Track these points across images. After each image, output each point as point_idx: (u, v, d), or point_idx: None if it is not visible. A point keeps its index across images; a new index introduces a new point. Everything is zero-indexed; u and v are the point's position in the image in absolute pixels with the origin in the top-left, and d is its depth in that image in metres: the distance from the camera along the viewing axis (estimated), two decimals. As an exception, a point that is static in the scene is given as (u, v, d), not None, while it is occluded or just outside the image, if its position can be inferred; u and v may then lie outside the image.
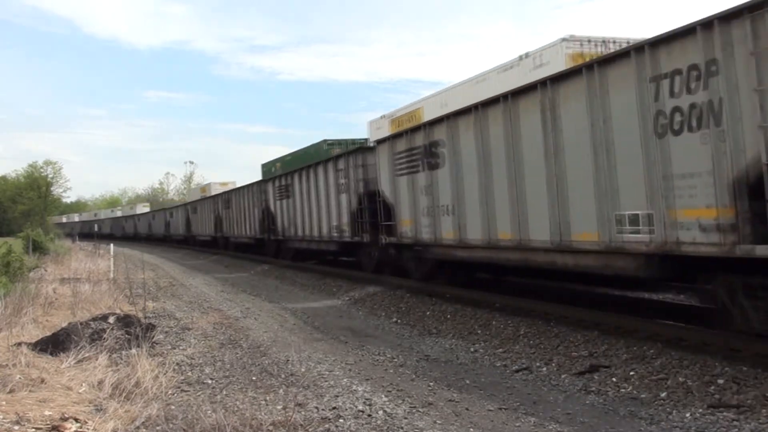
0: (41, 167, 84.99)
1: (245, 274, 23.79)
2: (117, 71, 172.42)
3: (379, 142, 15.88)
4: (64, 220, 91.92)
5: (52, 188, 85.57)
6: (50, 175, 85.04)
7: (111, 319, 10.04)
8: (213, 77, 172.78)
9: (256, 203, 28.29)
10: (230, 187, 41.21)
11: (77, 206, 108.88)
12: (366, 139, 24.01)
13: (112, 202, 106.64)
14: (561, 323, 9.69)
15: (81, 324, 9.38)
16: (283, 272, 22.40)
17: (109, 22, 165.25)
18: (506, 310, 11.09)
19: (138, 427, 5.71)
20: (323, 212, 20.26)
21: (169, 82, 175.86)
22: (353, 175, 17.77)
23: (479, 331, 10.36)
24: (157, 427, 5.69)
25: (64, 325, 9.82)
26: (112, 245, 31.25)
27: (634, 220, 8.20)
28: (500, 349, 9.27)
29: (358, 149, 18.11)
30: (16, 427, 5.49)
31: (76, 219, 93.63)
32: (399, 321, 12.20)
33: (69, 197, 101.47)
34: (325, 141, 25.27)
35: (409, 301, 13.51)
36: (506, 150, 10.65)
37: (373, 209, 16.25)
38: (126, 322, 10.02)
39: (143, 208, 70.14)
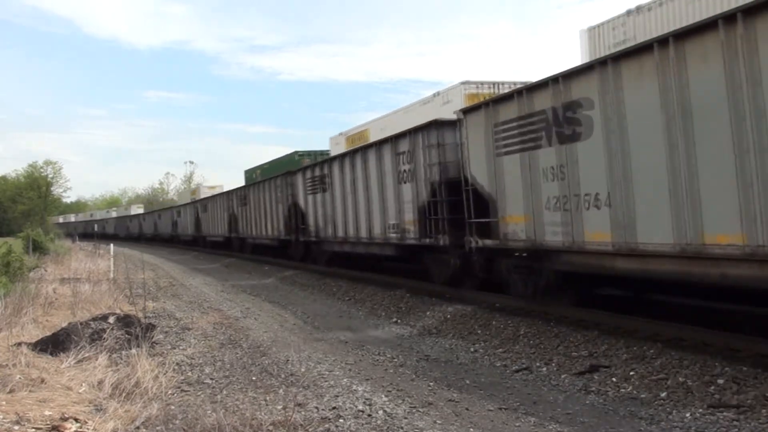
0: (41, 167, 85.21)
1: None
2: (117, 71, 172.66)
3: (468, 111, 12.00)
4: (61, 220, 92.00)
5: (52, 188, 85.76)
6: (50, 175, 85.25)
7: (111, 319, 10.04)
8: (213, 77, 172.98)
9: (281, 198, 24.48)
10: (218, 191, 41.63)
11: (77, 206, 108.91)
12: (327, 151, 26.47)
13: (112, 202, 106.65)
14: (561, 323, 9.69)
15: (81, 324, 9.38)
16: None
17: (109, 22, 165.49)
18: (506, 310, 11.09)
19: (138, 427, 5.71)
20: (375, 208, 15.94)
21: (169, 82, 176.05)
22: (424, 158, 13.44)
23: (479, 331, 10.36)
24: (157, 427, 5.69)
25: (64, 325, 9.82)
26: (112, 245, 31.25)
27: None
28: (500, 349, 9.27)
29: (431, 123, 13.30)
30: (16, 427, 5.49)
31: (72, 219, 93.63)
32: (399, 321, 12.19)
33: (69, 197, 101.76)
34: (296, 152, 29.09)
35: (409, 301, 13.50)
36: (728, 100, 6.76)
37: (455, 202, 12.57)
38: (126, 322, 10.02)
39: (137, 209, 70.28)
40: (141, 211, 68.64)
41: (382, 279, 16.43)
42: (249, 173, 36.88)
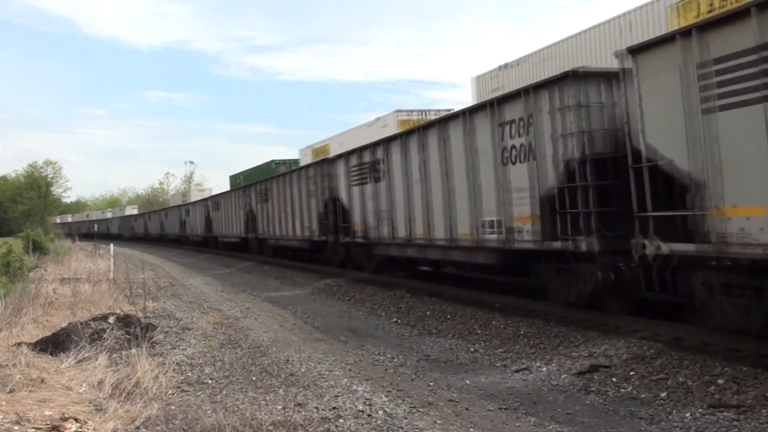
0: (41, 167, 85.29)
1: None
2: (117, 71, 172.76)
3: (644, 48, 7.93)
4: (58, 220, 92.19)
5: (52, 188, 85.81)
6: (50, 175, 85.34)
7: (111, 319, 10.04)
8: (213, 77, 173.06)
9: (313, 192, 20.78)
10: (207, 194, 42.74)
11: (77, 206, 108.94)
12: (297, 160, 31.52)
13: (112, 202, 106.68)
14: (561, 323, 9.69)
15: (81, 324, 9.38)
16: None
17: (109, 22, 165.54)
18: (506, 310, 11.08)
19: (138, 427, 5.71)
20: (460, 199, 12.04)
21: (169, 82, 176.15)
22: (553, 126, 9.56)
23: (479, 331, 10.36)
24: (157, 427, 5.69)
25: (64, 325, 9.82)
26: (112, 246, 31.25)
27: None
28: (500, 349, 9.26)
29: (566, 75, 9.34)
30: (16, 427, 5.49)
31: (69, 219, 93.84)
32: (399, 321, 12.19)
33: (69, 197, 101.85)
34: (273, 161, 32.43)
35: (409, 301, 13.50)
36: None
37: (605, 189, 8.99)
38: (126, 322, 10.02)
39: (131, 210, 70.47)
40: (135, 211, 69.07)
41: (383, 279, 16.39)
42: (233, 178, 41.54)
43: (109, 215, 79.09)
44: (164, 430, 5.64)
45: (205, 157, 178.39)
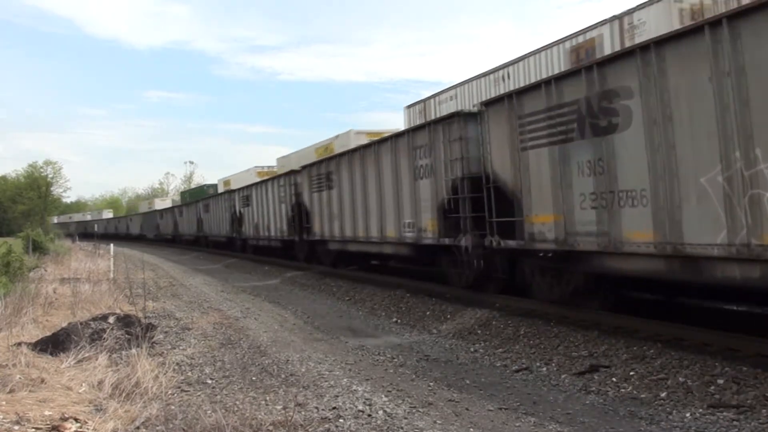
0: (41, 167, 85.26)
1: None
2: (117, 71, 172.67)
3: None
4: (55, 220, 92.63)
5: (52, 188, 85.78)
6: (50, 175, 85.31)
7: (111, 319, 10.05)
8: (213, 77, 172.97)
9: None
10: (168, 203, 46.62)
11: (77, 206, 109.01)
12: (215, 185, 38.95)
13: (112, 202, 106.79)
14: (561, 323, 9.69)
15: (81, 324, 9.38)
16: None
17: (109, 22, 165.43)
18: (506, 310, 11.08)
19: (138, 427, 5.71)
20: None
21: (170, 82, 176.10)
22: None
23: (479, 331, 10.36)
24: (157, 427, 5.69)
25: (64, 325, 9.82)
26: (112, 246, 31.24)
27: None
28: (500, 349, 9.27)
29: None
30: (16, 427, 5.49)
31: (55, 221, 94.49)
32: (399, 321, 12.20)
33: (69, 197, 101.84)
34: (205, 185, 38.89)
35: (409, 301, 13.51)
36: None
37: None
38: (126, 322, 10.03)
39: (107, 213, 74.52)
40: (111, 215, 74.72)
41: (383, 279, 16.42)
42: (183, 195, 52.47)
43: (88, 217, 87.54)
44: (164, 430, 5.64)
45: (205, 157, 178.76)
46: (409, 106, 25.02)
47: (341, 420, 5.94)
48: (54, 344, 8.64)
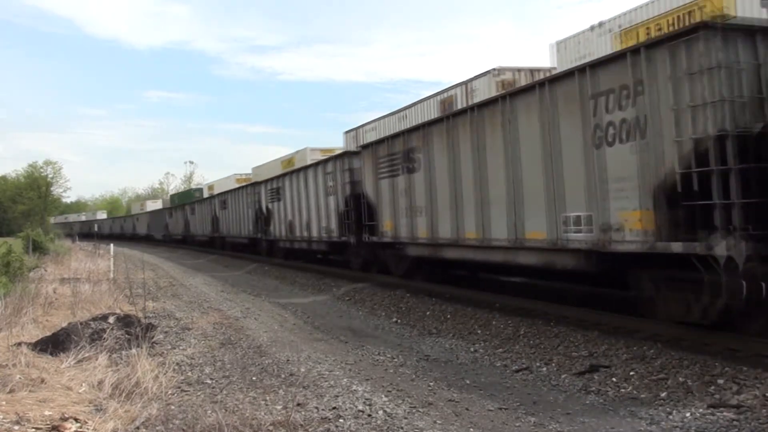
0: (41, 167, 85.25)
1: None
2: (117, 71, 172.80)
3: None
4: (52, 221, 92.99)
5: (52, 188, 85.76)
6: (50, 175, 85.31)
7: (111, 319, 10.05)
8: (213, 77, 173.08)
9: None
10: (159, 205, 48.13)
11: (77, 206, 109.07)
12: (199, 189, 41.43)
13: (112, 202, 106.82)
14: (561, 323, 9.68)
15: (81, 324, 9.38)
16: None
17: (109, 22, 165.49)
18: (506, 310, 11.08)
19: (138, 427, 5.71)
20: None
21: (170, 82, 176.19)
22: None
23: (479, 331, 10.36)
24: (157, 427, 5.69)
25: (64, 325, 9.82)
26: (112, 246, 31.24)
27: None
28: (500, 349, 9.26)
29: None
30: (16, 427, 5.49)
31: (52, 221, 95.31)
32: (399, 321, 12.19)
33: (69, 197, 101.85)
34: (191, 189, 40.28)
35: (409, 301, 13.50)
36: None
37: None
38: (126, 322, 10.03)
39: (101, 214, 75.66)
40: (104, 216, 76.73)
41: (383, 279, 16.41)
42: (172, 198, 57.08)
43: (83, 218, 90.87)
44: (164, 430, 5.64)
45: (205, 157, 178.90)
46: (346, 132, 30.87)
47: (341, 420, 5.94)
48: (54, 344, 8.64)
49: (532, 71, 17.44)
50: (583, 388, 7.17)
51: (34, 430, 5.49)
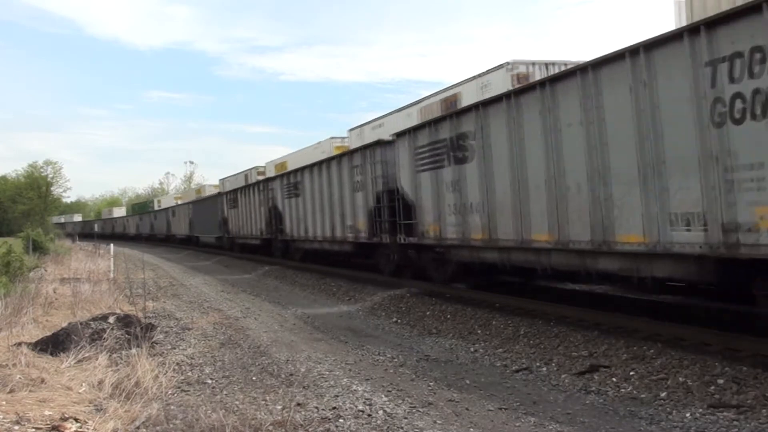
0: (41, 167, 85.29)
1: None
2: (118, 71, 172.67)
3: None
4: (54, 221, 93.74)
5: (52, 188, 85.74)
6: (50, 175, 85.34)
7: (111, 319, 10.04)
8: (214, 78, 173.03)
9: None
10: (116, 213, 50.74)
11: (77, 206, 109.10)
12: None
13: (113, 202, 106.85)
14: (561, 323, 9.68)
15: (81, 324, 9.38)
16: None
17: (110, 22, 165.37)
18: (506, 310, 11.08)
19: (138, 427, 5.71)
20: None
21: (171, 83, 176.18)
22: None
23: (479, 331, 10.36)
24: (157, 427, 5.69)
25: (64, 325, 9.82)
26: (112, 246, 31.24)
27: None
28: (500, 349, 9.26)
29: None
30: (16, 427, 5.49)
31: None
32: (399, 321, 12.19)
33: (69, 197, 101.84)
34: (151, 199, 41.71)
35: (409, 301, 13.50)
36: None
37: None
38: (126, 322, 10.02)
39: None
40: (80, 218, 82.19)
41: (383, 279, 16.41)
42: (134, 207, 65.55)
43: (78, 218, 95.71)
44: (164, 430, 5.64)
45: (205, 157, 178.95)
46: (351, 130, 29.23)
47: (341, 420, 5.95)
48: (54, 344, 8.64)
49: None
50: (583, 388, 7.17)
51: (34, 430, 5.49)
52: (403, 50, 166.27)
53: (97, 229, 71.28)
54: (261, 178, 31.67)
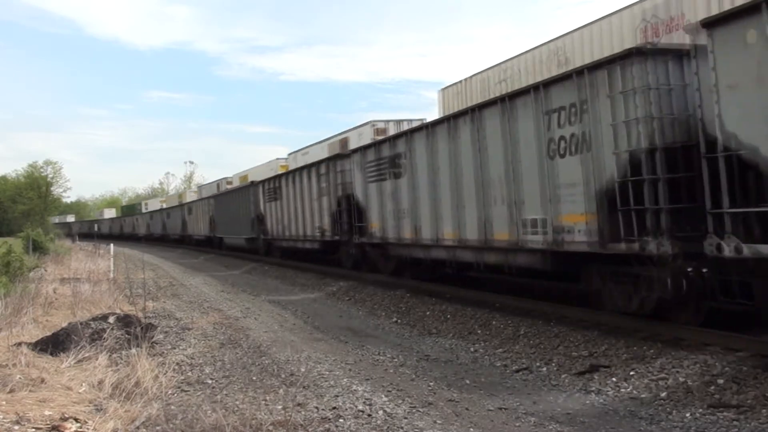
0: (41, 167, 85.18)
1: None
2: (118, 72, 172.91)
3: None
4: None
5: (52, 188, 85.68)
6: (50, 175, 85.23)
7: (111, 319, 10.05)
8: (214, 78, 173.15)
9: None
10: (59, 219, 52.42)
11: (77, 206, 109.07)
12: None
13: (112, 202, 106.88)
14: (561, 323, 9.68)
15: (81, 324, 9.38)
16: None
17: (111, 22, 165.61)
18: (506, 310, 11.07)
19: (138, 427, 5.71)
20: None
21: (171, 83, 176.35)
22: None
23: (479, 331, 10.36)
24: (157, 427, 5.69)
25: (64, 325, 9.82)
26: (112, 245, 31.22)
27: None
28: (500, 349, 9.26)
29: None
30: (16, 427, 5.49)
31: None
32: (399, 321, 12.19)
33: (69, 197, 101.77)
34: (139, 203, 44.35)
35: (409, 301, 13.50)
36: None
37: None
38: (126, 322, 10.02)
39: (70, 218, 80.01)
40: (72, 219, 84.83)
41: (383, 279, 16.41)
42: (124, 209, 66.41)
43: (71, 219, 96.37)
44: (164, 429, 5.64)
45: (205, 157, 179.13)
46: (290, 153, 34.64)
47: (341, 420, 5.95)
48: (54, 344, 8.64)
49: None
50: (583, 388, 7.17)
51: (34, 430, 5.49)
52: (403, 50, 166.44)
53: (97, 229, 71.63)
54: (230, 187, 39.54)
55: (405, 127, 19.27)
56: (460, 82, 22.04)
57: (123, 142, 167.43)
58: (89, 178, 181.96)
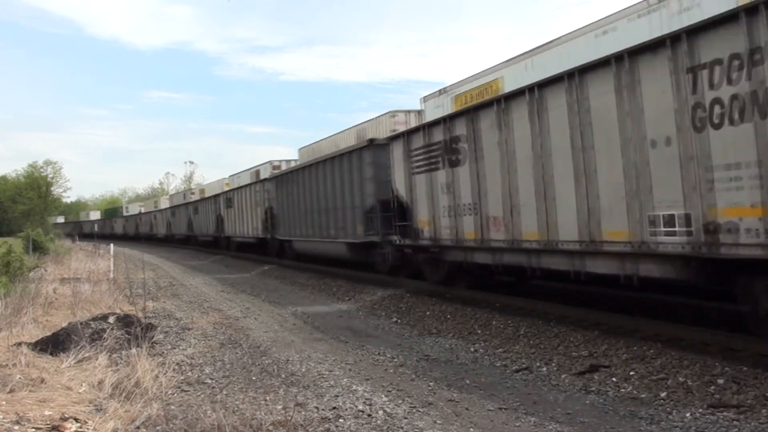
0: (41, 167, 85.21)
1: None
2: (118, 72, 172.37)
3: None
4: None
5: (52, 188, 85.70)
6: (50, 175, 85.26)
7: (111, 319, 10.04)
8: (214, 78, 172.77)
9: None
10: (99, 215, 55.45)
11: (77, 206, 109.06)
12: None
13: (112, 202, 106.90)
14: (561, 323, 9.69)
15: (81, 324, 9.38)
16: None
17: (111, 22, 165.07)
18: (506, 310, 11.08)
19: (138, 427, 5.71)
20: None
21: (171, 83, 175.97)
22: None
23: (479, 331, 10.36)
24: (157, 427, 5.69)
25: (64, 325, 9.82)
26: (111, 245, 31.22)
27: None
28: (500, 349, 9.26)
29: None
30: (16, 427, 5.49)
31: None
32: (399, 321, 12.19)
33: (69, 197, 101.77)
34: (121, 205, 48.05)
35: (409, 301, 13.50)
36: None
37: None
38: (126, 322, 10.02)
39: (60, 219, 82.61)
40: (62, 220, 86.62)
41: (383, 279, 16.41)
42: (105, 212, 70.01)
43: (60, 220, 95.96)
44: (164, 429, 5.64)
45: (205, 157, 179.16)
46: (231, 175, 35.89)
47: (341, 420, 5.95)
48: (54, 344, 8.64)
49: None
50: (583, 388, 7.17)
51: (34, 430, 5.49)
52: (403, 50, 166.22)
53: (97, 228, 72.18)
54: (204, 195, 42.67)
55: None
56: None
57: (123, 142, 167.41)
58: (89, 178, 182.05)
